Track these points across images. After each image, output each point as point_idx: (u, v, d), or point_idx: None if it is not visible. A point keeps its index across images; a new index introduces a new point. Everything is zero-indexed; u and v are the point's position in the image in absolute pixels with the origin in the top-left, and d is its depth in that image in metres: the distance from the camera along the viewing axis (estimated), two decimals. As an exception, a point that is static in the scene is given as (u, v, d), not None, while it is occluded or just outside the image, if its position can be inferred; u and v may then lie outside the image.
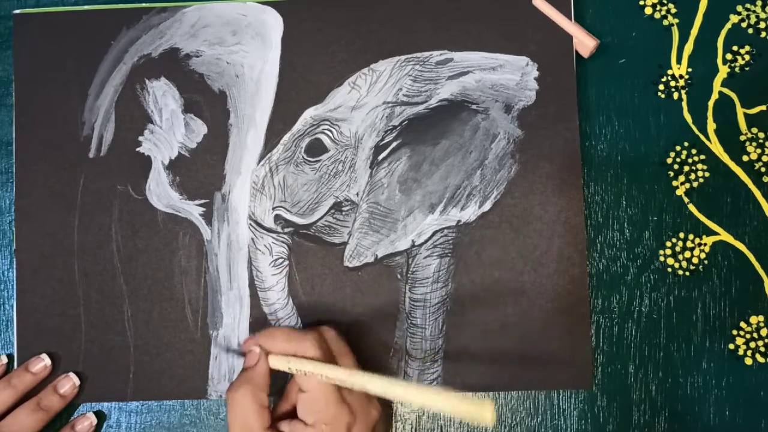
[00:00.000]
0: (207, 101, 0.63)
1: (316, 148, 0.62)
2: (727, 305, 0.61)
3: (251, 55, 0.63)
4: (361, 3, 0.63)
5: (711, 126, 0.62)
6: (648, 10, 0.63)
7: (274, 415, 0.55)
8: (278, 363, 0.54)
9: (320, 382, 0.52)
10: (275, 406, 0.56)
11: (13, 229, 0.62)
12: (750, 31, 0.63)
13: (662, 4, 0.63)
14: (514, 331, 0.60)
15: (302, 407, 0.53)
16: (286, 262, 0.61)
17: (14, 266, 0.62)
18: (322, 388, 0.52)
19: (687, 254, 0.61)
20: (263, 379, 0.54)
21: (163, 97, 0.63)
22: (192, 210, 0.62)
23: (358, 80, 0.62)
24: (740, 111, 0.62)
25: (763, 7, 0.63)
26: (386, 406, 0.58)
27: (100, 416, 0.61)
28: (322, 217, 0.62)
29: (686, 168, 0.62)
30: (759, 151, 0.62)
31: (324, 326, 0.57)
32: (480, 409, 0.47)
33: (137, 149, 0.63)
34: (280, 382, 0.57)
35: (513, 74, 0.62)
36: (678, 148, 0.62)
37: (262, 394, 0.54)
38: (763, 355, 0.60)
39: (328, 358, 0.54)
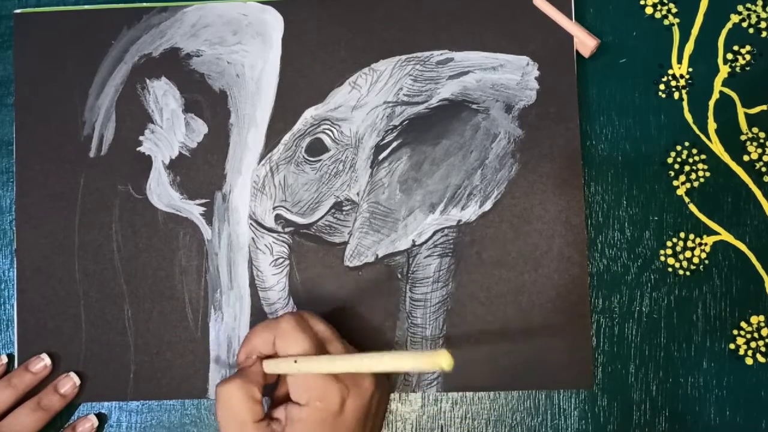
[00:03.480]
0: (207, 101, 0.63)
1: (316, 148, 0.62)
2: (727, 305, 0.61)
3: (252, 54, 0.63)
4: (362, 3, 0.63)
5: (712, 126, 0.62)
6: (648, 10, 0.63)
7: (272, 400, 0.55)
8: (271, 366, 0.54)
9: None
10: (273, 392, 0.56)
11: (14, 228, 0.62)
12: (751, 30, 0.63)
13: (663, 4, 0.63)
14: (514, 330, 0.60)
15: (294, 389, 0.52)
16: (287, 262, 0.61)
17: (15, 266, 0.62)
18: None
19: (687, 254, 0.61)
20: (255, 376, 0.53)
21: (163, 96, 0.63)
22: (192, 209, 0.62)
23: (359, 80, 0.62)
24: (741, 111, 0.62)
25: (763, 7, 0.63)
26: (382, 374, 0.57)
27: (102, 418, 0.61)
28: (322, 217, 0.62)
29: (687, 168, 0.62)
30: (760, 150, 0.62)
31: (302, 311, 0.56)
32: (436, 357, 0.46)
33: (138, 149, 0.63)
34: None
35: (513, 74, 0.62)
36: (679, 147, 0.62)
37: (253, 387, 0.52)
38: (763, 354, 0.60)
39: (309, 333, 0.53)
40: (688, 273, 0.61)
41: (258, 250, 0.62)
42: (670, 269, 0.61)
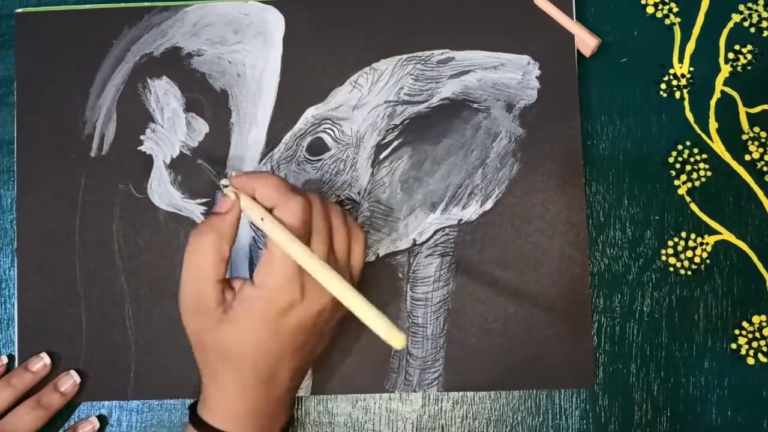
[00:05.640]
0: (208, 100, 0.63)
1: (317, 147, 0.62)
2: (729, 305, 0.61)
3: (253, 54, 0.63)
4: (363, 2, 0.63)
5: (713, 125, 0.62)
6: (650, 9, 0.63)
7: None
8: (251, 211, 0.52)
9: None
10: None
11: (15, 227, 0.62)
12: (752, 30, 0.63)
13: (664, 3, 0.63)
14: (515, 330, 0.60)
15: (259, 265, 0.51)
16: (288, 261, 0.61)
17: (15, 265, 0.62)
18: (281, 254, 0.49)
19: (689, 253, 0.61)
20: (230, 230, 0.52)
21: (164, 96, 0.63)
22: (193, 209, 0.62)
23: (360, 79, 0.62)
24: (742, 110, 0.62)
25: (765, 6, 0.63)
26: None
27: (102, 420, 0.61)
28: (323, 216, 0.62)
29: (688, 167, 0.62)
30: (761, 150, 0.61)
31: (314, 195, 0.53)
32: (393, 334, 0.46)
33: (139, 148, 0.63)
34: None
35: (514, 73, 0.62)
36: (680, 147, 0.62)
37: (225, 245, 0.51)
38: (765, 354, 0.60)
39: (305, 229, 0.51)
40: (689, 272, 0.61)
41: (258, 249, 0.61)
42: (671, 269, 0.61)
